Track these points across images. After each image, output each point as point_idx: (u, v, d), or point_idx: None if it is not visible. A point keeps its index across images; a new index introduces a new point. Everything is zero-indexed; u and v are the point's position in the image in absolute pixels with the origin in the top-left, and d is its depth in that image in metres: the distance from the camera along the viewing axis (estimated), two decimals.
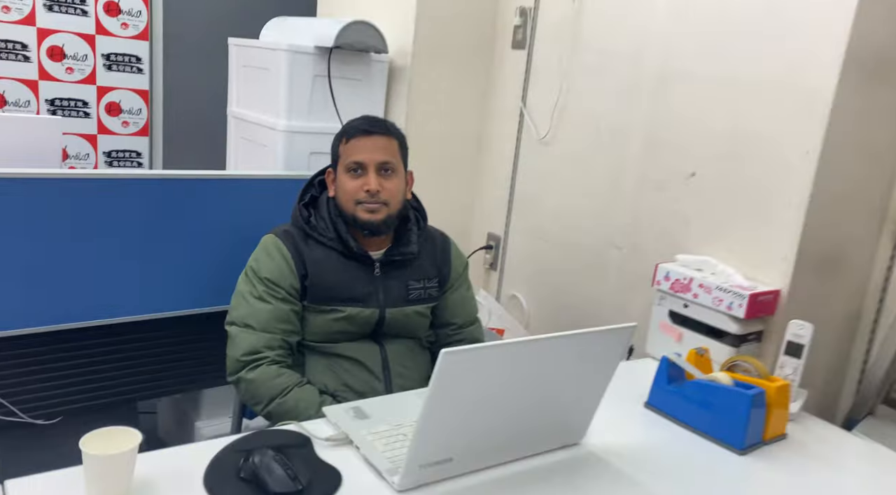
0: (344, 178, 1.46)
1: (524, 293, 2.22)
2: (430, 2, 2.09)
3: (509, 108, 2.22)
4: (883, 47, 1.39)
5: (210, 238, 1.75)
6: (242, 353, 1.39)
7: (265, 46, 2.05)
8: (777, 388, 1.25)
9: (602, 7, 1.88)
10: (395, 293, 1.48)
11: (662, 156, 1.74)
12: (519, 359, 0.99)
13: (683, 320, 1.57)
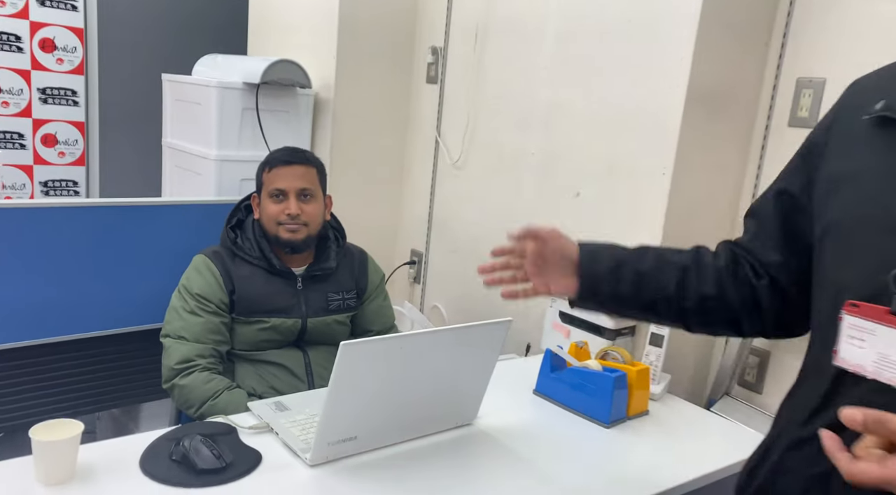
0: (267, 203, 1.64)
1: (444, 303, 2.43)
2: (350, 42, 2.30)
3: (426, 136, 2.45)
4: (715, 86, 1.68)
5: (147, 260, 1.89)
6: (176, 362, 1.54)
7: (197, 82, 2.22)
8: (637, 372, 1.49)
9: (499, 48, 2.14)
10: (315, 304, 1.67)
11: (553, 177, 1.99)
12: (410, 350, 1.19)
13: (571, 319, 1.80)
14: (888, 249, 0.65)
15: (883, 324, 0.65)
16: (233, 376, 1.62)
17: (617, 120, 1.80)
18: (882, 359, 0.65)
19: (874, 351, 0.66)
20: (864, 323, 0.66)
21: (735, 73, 1.71)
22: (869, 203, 0.69)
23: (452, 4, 2.29)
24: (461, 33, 2.26)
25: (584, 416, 1.47)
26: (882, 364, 0.65)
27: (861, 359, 0.67)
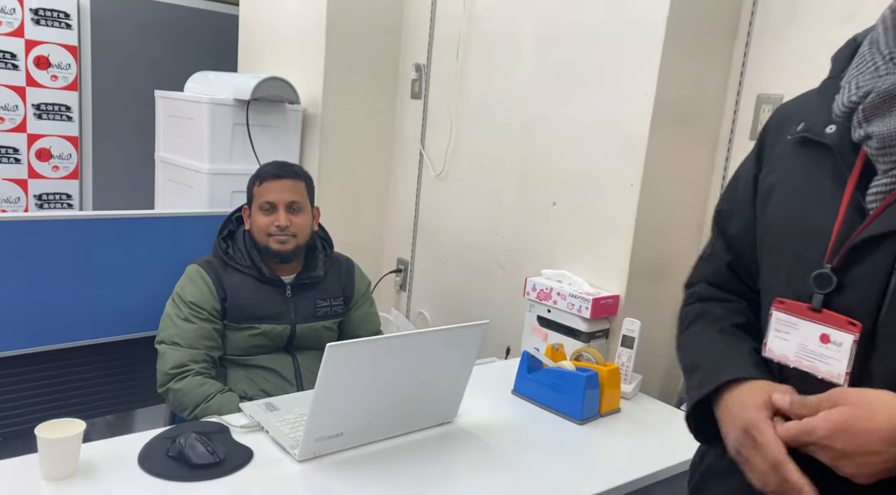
0: (258, 215, 1.72)
1: (429, 309, 2.52)
2: (337, 59, 2.40)
3: (410, 149, 2.54)
4: (681, 100, 1.78)
5: (140, 270, 1.96)
6: (171, 367, 1.61)
7: (189, 99, 2.30)
8: (608, 371, 1.58)
9: (480, 64, 2.24)
10: (304, 311, 1.75)
11: (531, 188, 2.09)
12: (393, 351, 1.27)
13: (548, 323, 1.89)
14: (808, 254, 0.74)
15: (804, 319, 0.74)
16: (225, 380, 1.69)
17: (589, 134, 1.90)
18: (802, 349, 0.74)
19: (796, 342, 0.75)
20: (788, 318, 0.75)
21: (699, 90, 1.82)
22: (792, 215, 0.78)
23: (435, 24, 2.39)
24: (443, 51, 2.36)
25: (558, 414, 1.56)
26: (802, 354, 0.74)
27: (785, 350, 0.76)
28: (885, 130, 0.68)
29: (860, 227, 0.70)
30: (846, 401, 0.65)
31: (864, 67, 0.73)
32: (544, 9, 2.00)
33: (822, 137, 0.76)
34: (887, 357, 0.68)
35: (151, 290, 1.97)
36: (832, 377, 0.71)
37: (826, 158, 0.75)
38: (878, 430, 0.62)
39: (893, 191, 0.69)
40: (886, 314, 0.68)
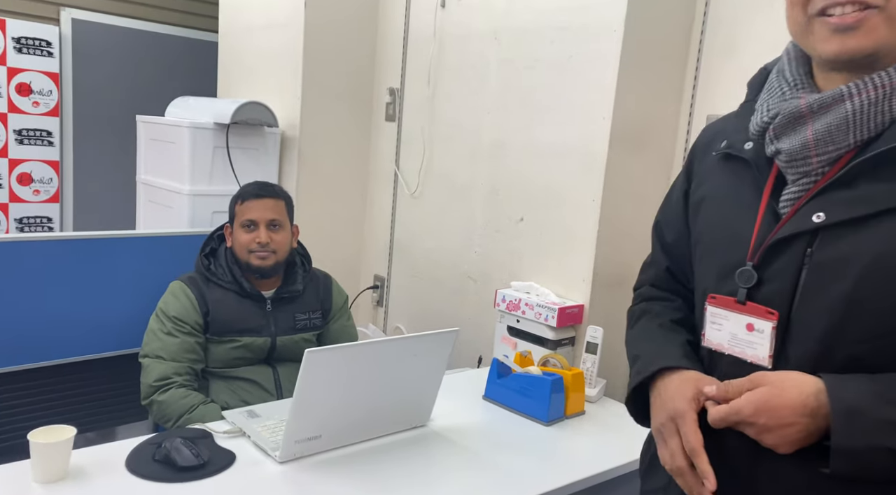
0: (239, 233, 1.81)
1: (405, 324, 2.60)
2: (314, 84, 2.50)
3: (386, 169, 2.65)
4: (636, 122, 1.91)
5: (123, 289, 2.02)
6: (154, 380, 1.68)
7: (171, 123, 2.39)
8: (573, 376, 1.68)
9: (450, 90, 2.36)
10: (284, 324, 1.83)
11: (500, 205, 2.20)
12: (368, 358, 1.36)
13: (518, 332, 1.99)
14: (734, 255, 0.84)
15: (732, 311, 0.84)
16: (207, 392, 1.75)
17: (552, 154, 2.02)
18: (733, 337, 0.84)
19: (728, 332, 0.85)
20: (720, 311, 0.86)
21: (653, 112, 1.95)
22: (720, 221, 0.89)
23: (408, 50, 2.51)
24: (415, 77, 2.48)
25: (526, 416, 1.65)
26: (733, 341, 0.84)
27: (720, 339, 0.86)
28: (791, 146, 0.79)
29: (774, 230, 0.80)
30: (764, 382, 0.75)
31: (773, 92, 0.84)
32: (508, 38, 2.13)
33: (741, 153, 0.86)
34: (800, 341, 0.77)
35: (134, 308, 2.03)
36: (758, 360, 0.81)
37: (745, 171, 0.86)
38: (791, 405, 0.72)
39: (801, 198, 0.79)
40: (799, 304, 0.77)
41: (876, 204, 0.73)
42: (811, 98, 0.78)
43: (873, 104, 0.74)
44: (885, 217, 0.72)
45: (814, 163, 0.78)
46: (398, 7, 2.52)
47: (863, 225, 0.73)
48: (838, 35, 0.74)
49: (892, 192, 0.72)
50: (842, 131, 0.75)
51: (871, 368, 0.73)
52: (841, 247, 0.75)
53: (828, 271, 0.75)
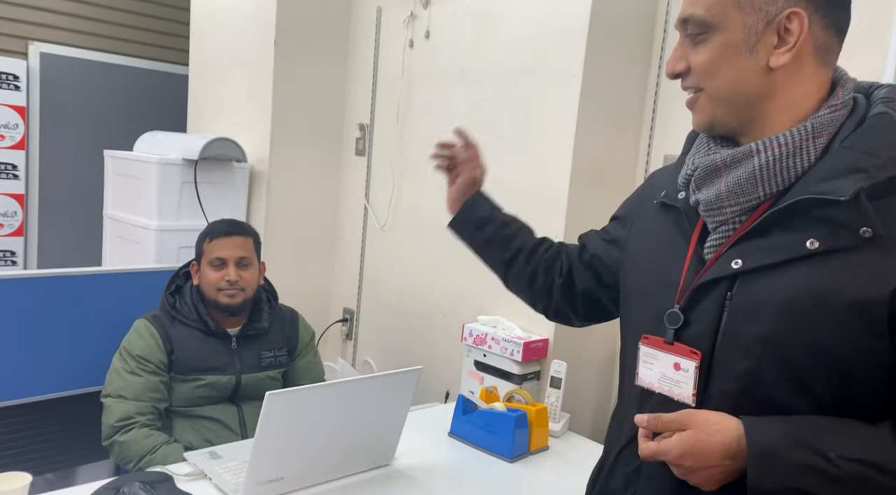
0: (208, 270, 1.81)
1: (374, 357, 2.60)
2: (284, 119, 2.53)
3: (355, 203, 2.67)
4: (596, 162, 1.97)
5: (87, 327, 2.00)
6: (116, 420, 1.66)
7: (138, 158, 2.39)
8: (536, 411, 1.70)
9: (418, 126, 2.40)
10: (249, 362, 1.82)
11: None
12: (330, 398, 1.36)
13: (484, 367, 2.01)
14: (664, 297, 0.89)
15: (662, 351, 0.88)
16: (171, 432, 1.74)
17: (517, 191, 2.06)
18: (662, 376, 0.88)
19: (658, 371, 0.89)
20: (651, 350, 0.90)
21: (613, 152, 2.02)
22: (654, 265, 0.94)
23: (377, 88, 2.56)
24: (385, 113, 2.53)
25: (491, 453, 1.66)
26: (663, 380, 0.88)
27: (651, 378, 0.90)
28: (708, 197, 0.85)
29: (699, 274, 0.85)
30: (691, 424, 0.79)
31: (699, 147, 0.90)
32: (474, 79, 2.19)
33: (674, 202, 0.93)
34: (722, 380, 0.82)
35: (98, 346, 2.01)
36: (684, 398, 0.85)
37: (678, 219, 0.92)
38: (715, 449, 0.76)
39: (722, 245, 0.84)
40: (720, 344, 0.82)
41: (786, 252, 0.78)
42: (725, 153, 0.84)
43: (778, 160, 0.80)
44: (795, 264, 0.77)
45: (728, 212, 0.83)
46: (368, 46, 2.57)
47: (775, 271, 0.78)
48: (692, 112, 0.88)
49: (800, 242, 0.77)
50: (751, 184, 0.81)
51: (786, 407, 0.77)
52: (757, 291, 0.80)
53: (745, 314, 0.80)
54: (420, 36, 2.37)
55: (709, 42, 0.83)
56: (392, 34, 2.47)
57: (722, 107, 0.84)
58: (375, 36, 2.53)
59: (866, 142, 0.78)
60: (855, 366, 0.75)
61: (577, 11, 1.88)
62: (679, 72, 0.86)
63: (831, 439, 0.74)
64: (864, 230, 0.74)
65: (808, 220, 0.77)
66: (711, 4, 0.82)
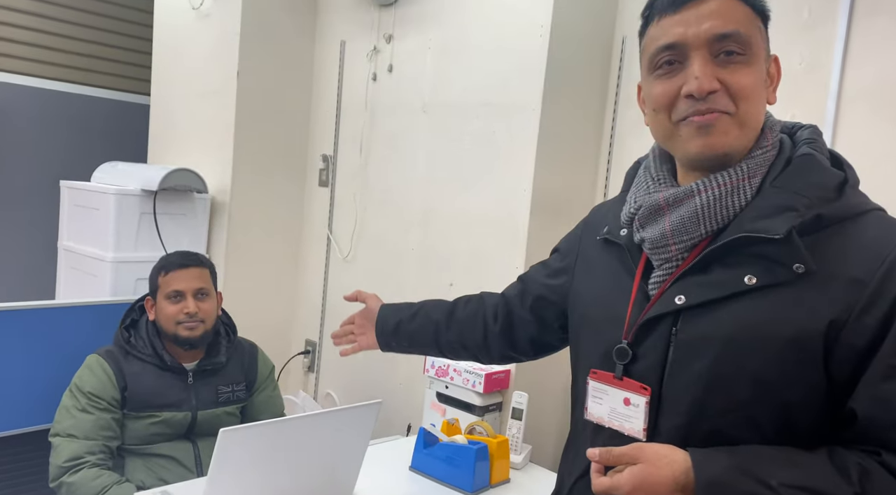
0: (164, 304, 1.77)
1: (337, 390, 2.57)
2: (246, 150, 2.52)
3: (318, 233, 2.66)
4: (555, 193, 2.01)
5: (39, 362, 1.93)
6: (65, 460, 1.60)
7: (95, 189, 2.35)
8: (497, 443, 1.70)
9: (381, 158, 2.42)
10: (206, 397, 1.79)
11: (431, 271, 2.24)
12: (287, 434, 1.34)
13: (446, 398, 2.00)
14: (611, 334, 0.90)
15: (611, 386, 0.90)
16: (122, 471, 1.68)
17: (479, 222, 2.09)
18: (612, 411, 0.89)
19: (608, 406, 0.90)
20: (600, 385, 0.91)
21: (571, 183, 2.06)
22: (600, 301, 0.95)
23: (341, 119, 2.57)
24: (348, 145, 2.54)
25: (451, 487, 1.65)
26: (613, 415, 0.89)
27: (601, 412, 0.91)
28: (653, 235, 0.87)
29: (645, 310, 0.87)
30: (642, 458, 0.80)
31: (640, 186, 0.92)
32: (436, 112, 2.22)
33: (617, 239, 0.94)
34: (670, 414, 0.83)
35: (50, 382, 1.94)
36: (634, 433, 0.86)
37: (621, 255, 0.94)
38: (665, 482, 0.78)
39: (666, 281, 0.86)
40: (668, 379, 0.84)
41: (726, 288, 0.80)
42: (668, 192, 0.86)
43: (717, 199, 0.83)
44: (735, 299, 0.80)
45: (672, 250, 0.86)
46: (331, 78, 2.60)
47: (716, 306, 0.81)
48: (702, 135, 0.82)
49: (738, 278, 0.80)
50: (693, 222, 0.84)
51: (732, 439, 0.79)
52: (700, 326, 0.82)
53: (690, 349, 0.82)
54: (383, 69, 2.40)
55: (751, 64, 0.81)
56: (355, 67, 2.50)
57: (745, 133, 0.82)
58: (339, 69, 2.56)
59: (795, 183, 0.81)
60: (795, 398, 0.78)
61: (536, 49, 1.93)
62: (713, 90, 0.80)
63: (774, 468, 0.76)
64: (796, 266, 0.77)
65: (745, 257, 0.80)
66: (752, 29, 0.81)
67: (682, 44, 0.81)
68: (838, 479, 0.74)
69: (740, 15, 0.81)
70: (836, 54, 1.63)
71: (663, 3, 0.84)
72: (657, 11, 0.85)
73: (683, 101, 0.82)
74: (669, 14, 0.83)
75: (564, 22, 1.93)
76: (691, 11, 0.81)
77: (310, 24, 2.64)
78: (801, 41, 1.69)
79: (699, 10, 0.81)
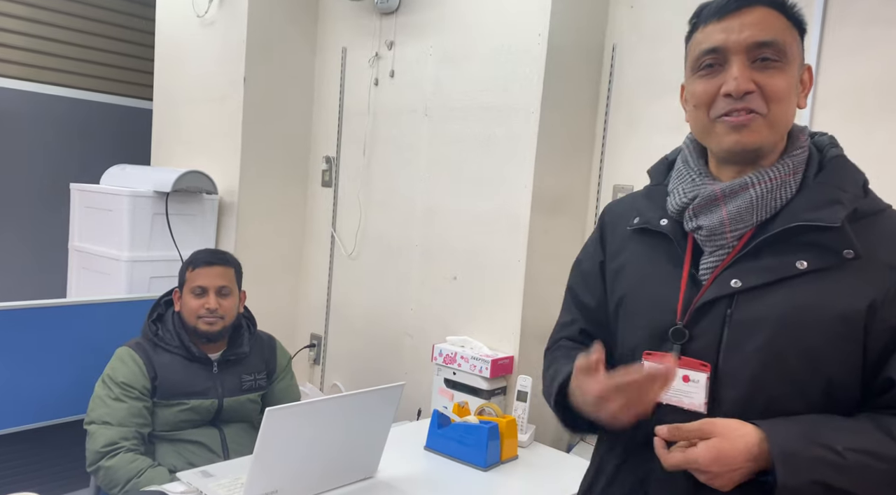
0: (189, 298, 1.87)
1: (343, 381, 2.68)
2: (252, 154, 2.62)
3: (323, 232, 2.77)
4: (554, 191, 2.16)
5: (61, 358, 2.02)
6: (102, 446, 1.69)
7: (108, 192, 2.43)
8: (506, 423, 1.83)
9: (384, 159, 2.54)
10: (231, 385, 1.89)
11: (434, 265, 2.37)
12: (324, 414, 1.46)
13: (454, 384, 2.13)
14: (660, 317, 0.97)
15: None
16: (153, 456, 1.78)
17: (482, 219, 2.23)
18: (672, 389, 0.94)
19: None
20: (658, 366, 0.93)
21: (568, 182, 2.20)
22: (638, 287, 1.02)
23: (343, 123, 2.69)
24: (351, 147, 2.66)
25: (465, 463, 1.78)
26: (671, 392, 0.94)
27: None
28: (710, 223, 0.95)
29: (699, 294, 0.94)
30: (714, 433, 0.86)
31: (684, 178, 1.01)
32: (438, 115, 2.35)
33: (658, 227, 1.01)
34: (729, 388, 0.90)
35: (71, 377, 2.03)
36: (695, 407, 0.93)
37: (661, 243, 1.01)
38: (739, 454, 0.84)
39: (718, 266, 0.95)
40: (724, 356, 0.90)
41: (777, 273, 0.90)
42: (724, 185, 0.94)
43: (769, 192, 0.93)
44: (785, 283, 0.90)
45: (728, 237, 0.94)
46: (333, 84, 2.71)
47: (769, 290, 0.90)
48: (736, 132, 0.91)
49: (790, 263, 0.90)
50: (749, 212, 0.93)
51: (785, 409, 0.88)
52: (754, 308, 0.89)
53: (745, 328, 0.89)
54: (385, 75, 2.52)
55: (785, 70, 0.90)
56: (357, 72, 2.62)
57: (775, 132, 0.91)
58: (341, 74, 2.68)
59: (836, 179, 0.93)
60: (838, 370, 0.88)
61: (535, 56, 2.07)
62: (749, 91, 0.88)
63: (835, 434, 0.84)
64: (847, 252, 0.87)
65: (795, 245, 0.90)
66: (789, 38, 0.91)
67: (724, 48, 0.90)
68: (888, 441, 0.84)
69: (779, 25, 0.90)
70: (811, 58, 1.80)
71: (710, 10, 0.93)
72: (704, 18, 0.93)
73: (722, 100, 0.91)
74: (714, 21, 0.92)
75: (560, 31, 2.07)
76: (735, 20, 0.90)
77: (312, 31, 2.76)
78: None
79: (742, 19, 0.90)
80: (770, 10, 0.91)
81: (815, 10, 1.79)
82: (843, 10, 1.76)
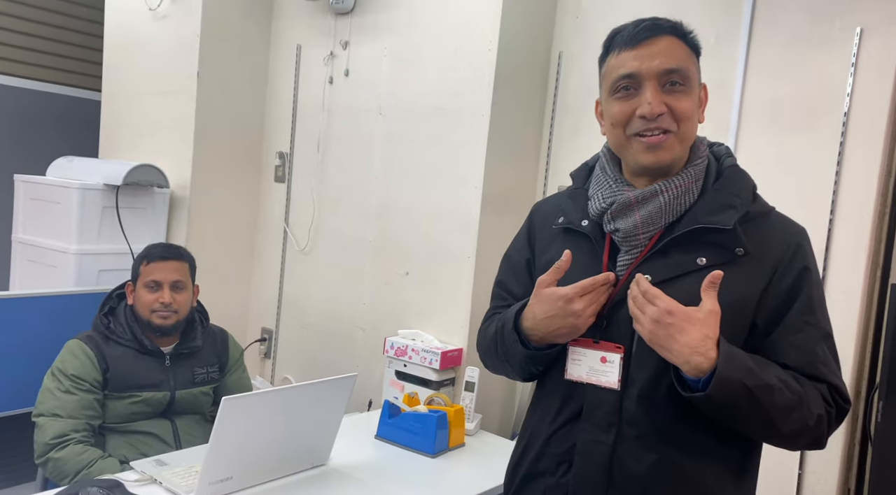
0: (142, 292, 1.88)
1: (294, 374, 2.72)
2: (205, 148, 2.62)
3: (275, 226, 2.80)
4: (503, 191, 2.25)
5: (11, 349, 1.99)
6: (51, 437, 1.70)
7: (57, 184, 2.40)
8: (454, 412, 1.92)
9: (338, 156, 2.59)
10: (183, 378, 1.91)
11: (387, 261, 2.43)
12: (277, 403, 1.51)
13: (405, 376, 2.20)
14: None
15: (589, 349, 1.09)
16: (104, 447, 1.79)
17: (434, 216, 2.30)
18: (590, 369, 1.08)
19: (586, 366, 1.09)
20: (580, 349, 1.10)
21: (516, 181, 2.30)
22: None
23: (297, 119, 2.72)
24: (305, 143, 2.69)
25: (415, 451, 1.86)
26: (591, 372, 1.08)
27: (580, 372, 1.10)
28: (626, 226, 1.07)
29: (615, 289, 1.07)
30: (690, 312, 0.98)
31: (602, 185, 1.12)
32: (391, 115, 2.42)
33: (581, 228, 1.14)
34: (640, 368, 1.05)
35: (20, 369, 2.01)
36: (610, 384, 1.06)
37: (583, 242, 1.13)
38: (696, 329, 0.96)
39: (632, 263, 1.08)
40: (637, 341, 1.05)
41: (681, 268, 1.04)
42: (637, 192, 1.08)
43: (675, 198, 1.06)
44: (688, 277, 1.04)
45: (640, 238, 1.07)
46: (287, 81, 2.74)
47: (674, 282, 1.04)
48: (652, 152, 1.04)
49: (690, 260, 1.04)
50: (658, 216, 1.06)
51: None
52: None
53: None
54: (340, 73, 2.57)
55: (689, 93, 1.04)
56: (312, 70, 2.66)
57: (684, 147, 1.05)
58: (295, 71, 2.71)
59: (731, 186, 1.07)
60: None
61: (485, 62, 2.16)
62: (661, 113, 1.01)
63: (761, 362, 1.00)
64: (738, 250, 1.03)
65: (697, 244, 1.04)
66: (690, 64, 1.05)
67: (638, 74, 1.03)
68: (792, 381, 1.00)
69: (682, 53, 1.04)
70: (738, 73, 1.95)
71: (623, 38, 1.05)
72: (617, 45, 1.07)
73: (637, 120, 1.04)
74: (627, 49, 1.04)
75: (510, 38, 2.17)
76: (645, 49, 1.03)
77: (266, 28, 2.77)
78: (710, 61, 1.99)
79: (651, 48, 1.03)
80: (674, 39, 1.05)
81: (741, 30, 1.93)
82: (767, 30, 1.91)
